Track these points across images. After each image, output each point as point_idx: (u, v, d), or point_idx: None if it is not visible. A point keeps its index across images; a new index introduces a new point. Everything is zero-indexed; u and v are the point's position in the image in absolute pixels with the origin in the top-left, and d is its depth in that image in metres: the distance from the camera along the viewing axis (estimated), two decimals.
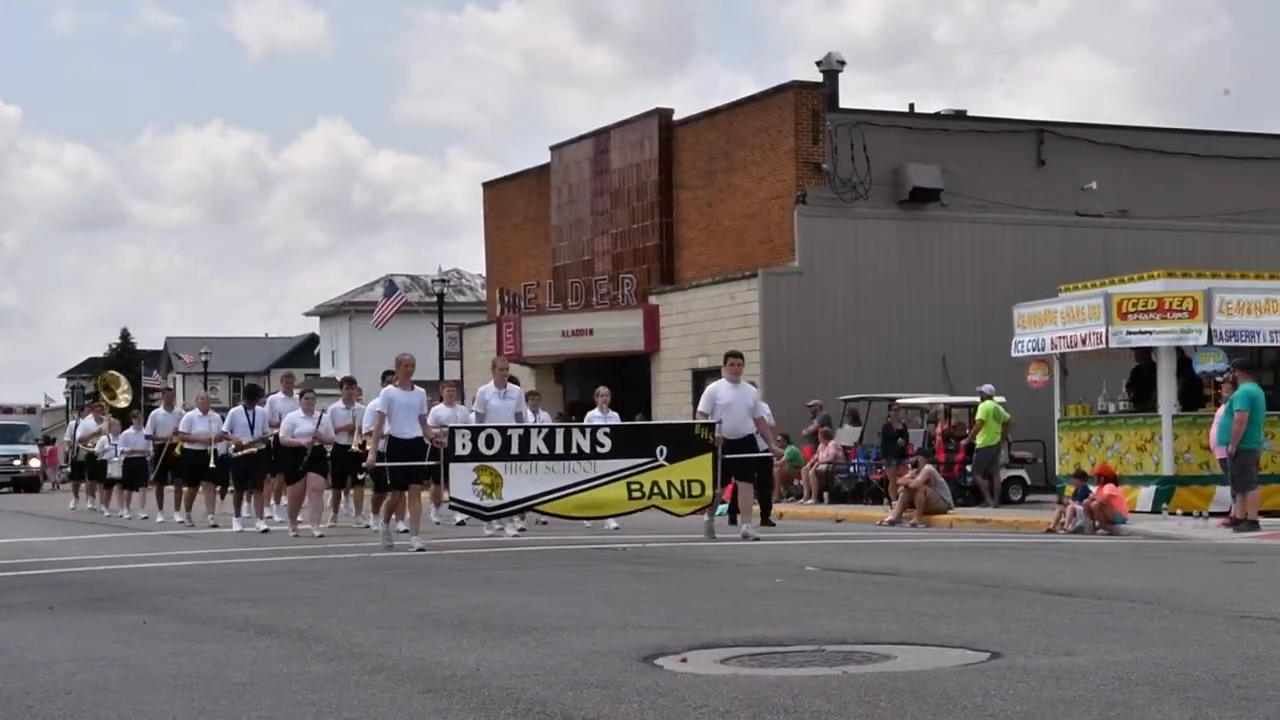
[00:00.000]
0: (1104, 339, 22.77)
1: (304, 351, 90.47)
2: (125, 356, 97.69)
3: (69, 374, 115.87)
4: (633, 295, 38.62)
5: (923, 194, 35.79)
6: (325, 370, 75.89)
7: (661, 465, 18.22)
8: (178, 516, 25.23)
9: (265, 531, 21.25)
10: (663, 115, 40.32)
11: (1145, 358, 23.32)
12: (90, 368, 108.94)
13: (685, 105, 76.84)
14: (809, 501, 28.22)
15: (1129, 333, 22.64)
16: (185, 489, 25.43)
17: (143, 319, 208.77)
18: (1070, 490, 21.20)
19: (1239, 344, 22.28)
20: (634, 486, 18.15)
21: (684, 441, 18.54)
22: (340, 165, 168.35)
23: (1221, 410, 19.72)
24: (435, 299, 49.26)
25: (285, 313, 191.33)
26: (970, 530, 21.22)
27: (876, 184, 35.78)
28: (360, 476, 23.17)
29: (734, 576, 13.02)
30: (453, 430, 18.14)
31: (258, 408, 22.74)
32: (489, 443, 17.84)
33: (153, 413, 28.32)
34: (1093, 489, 20.33)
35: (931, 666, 7.44)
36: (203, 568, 15.38)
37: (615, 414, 22.79)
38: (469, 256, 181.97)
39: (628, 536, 18.62)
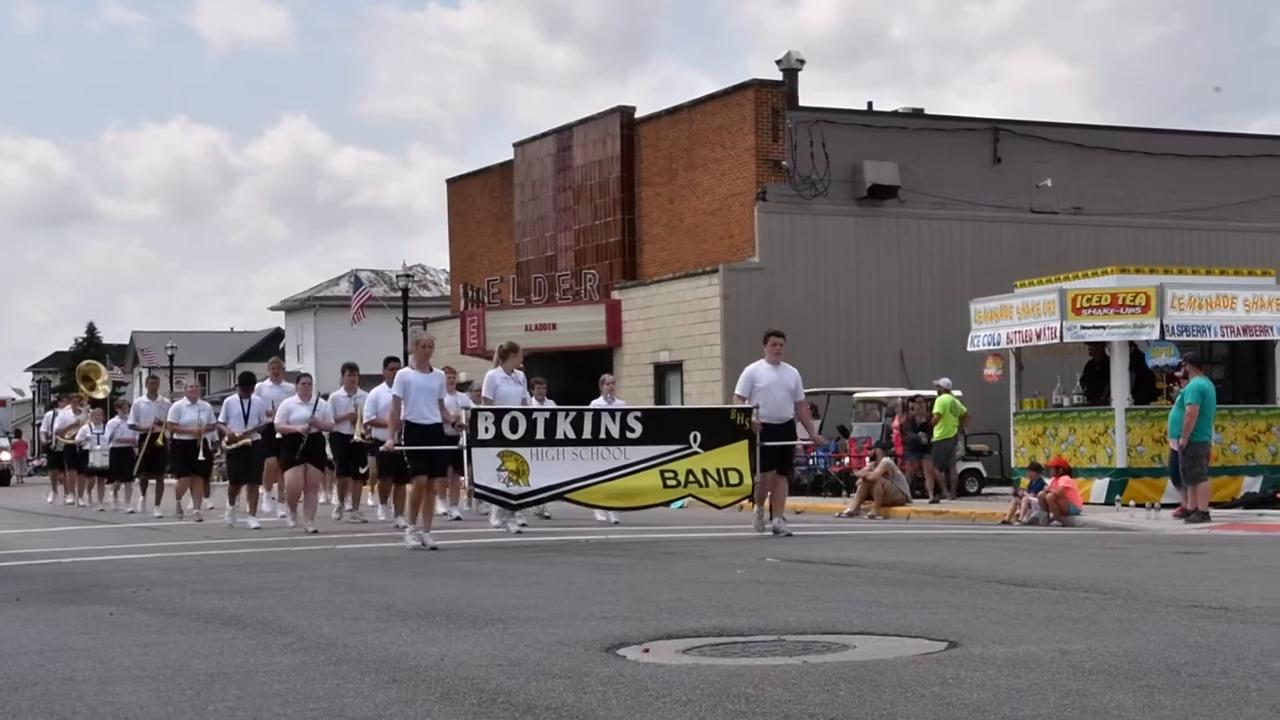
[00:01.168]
0: (1059, 334, 22.90)
1: (269, 346, 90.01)
2: (91, 351, 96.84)
3: (35, 368, 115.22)
4: (595, 290, 38.60)
5: (881, 191, 35.89)
6: (290, 364, 75.49)
7: (696, 452, 17.05)
8: (156, 511, 24.62)
9: (257, 529, 20.21)
10: (624, 113, 40.31)
11: (1099, 352, 23.46)
12: (56, 362, 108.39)
13: (645, 102, 77.00)
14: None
15: (1083, 328, 22.77)
16: (176, 480, 24.77)
17: (108, 314, 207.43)
18: (1025, 482, 21.31)
19: (1190, 338, 22.44)
20: (669, 474, 16.99)
21: (719, 427, 17.34)
22: (303, 161, 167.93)
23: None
24: (400, 294, 49.14)
25: (250, 307, 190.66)
26: (927, 522, 21.30)
27: (835, 181, 35.86)
28: (362, 470, 22.57)
29: (695, 568, 13.02)
30: (475, 412, 16.88)
31: (254, 397, 21.52)
32: (513, 426, 16.59)
33: (135, 401, 27.39)
34: (1047, 481, 20.43)
35: (890, 656, 7.46)
36: (170, 560, 15.29)
37: (622, 400, 21.92)
38: (432, 252, 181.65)
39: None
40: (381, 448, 17.93)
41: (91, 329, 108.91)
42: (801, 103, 36.42)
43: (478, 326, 39.85)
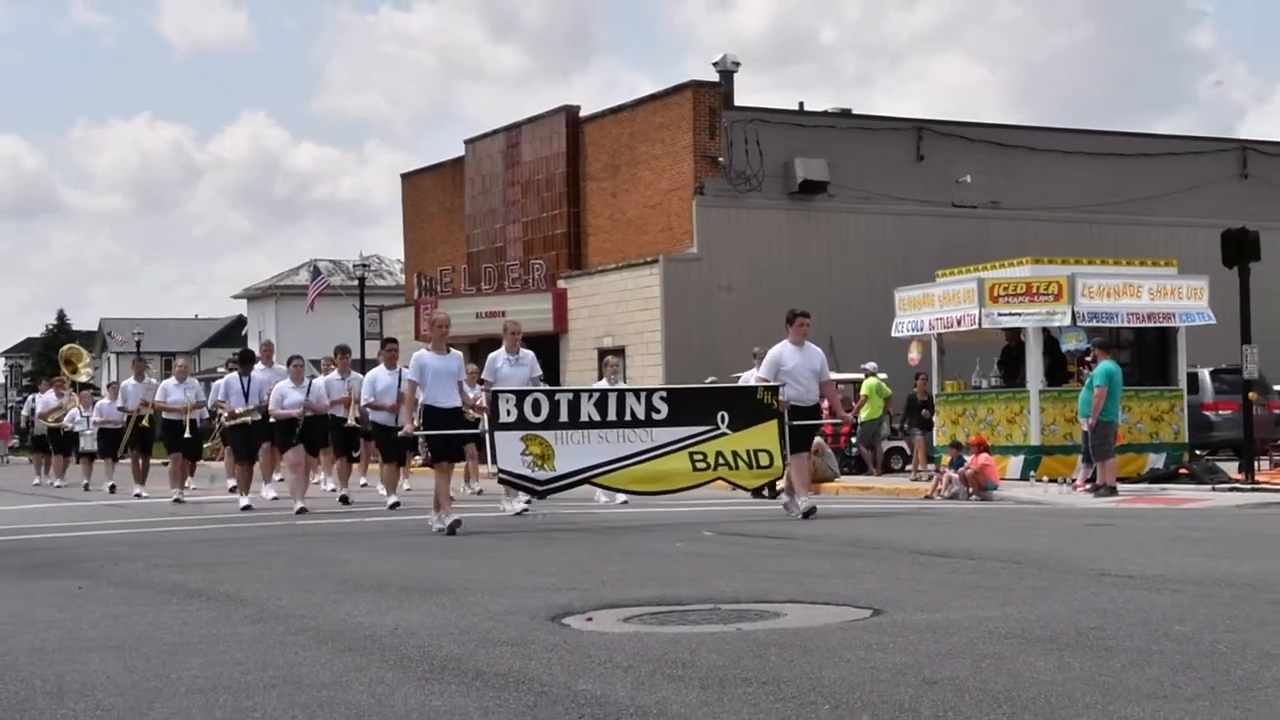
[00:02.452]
0: (977, 320, 23.02)
1: (232, 332, 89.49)
2: (61, 337, 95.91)
3: (7, 353, 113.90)
4: (542, 280, 38.55)
5: (811, 186, 36.02)
6: (253, 350, 74.98)
7: (724, 433, 15.68)
8: (143, 491, 23.39)
9: (247, 508, 18.92)
10: (570, 112, 40.27)
11: (1015, 338, 23.60)
12: (28, 347, 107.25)
13: (589, 102, 76.54)
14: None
15: (1000, 314, 22.89)
16: (170, 462, 23.15)
17: (78, 302, 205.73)
18: (947, 459, 21.43)
19: (1099, 325, 22.62)
20: (697, 457, 15.60)
21: (746, 407, 15.96)
22: (263, 157, 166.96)
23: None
24: (357, 283, 48.88)
25: (213, 296, 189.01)
26: (854, 497, 21.38)
27: (769, 177, 35.95)
28: (355, 454, 21.84)
29: (637, 541, 13.03)
30: (496, 394, 15.29)
31: (254, 374, 20.26)
32: (536, 408, 15.13)
33: (122, 383, 25.85)
34: (967, 458, 20.56)
35: (819, 623, 7.49)
36: (136, 536, 15.15)
37: (624, 382, 20.59)
38: (387, 243, 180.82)
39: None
40: (400, 433, 16.13)
41: (61, 316, 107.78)
42: (737, 103, 36.49)
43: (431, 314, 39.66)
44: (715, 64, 36.60)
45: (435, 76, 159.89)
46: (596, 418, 15.38)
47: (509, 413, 14.99)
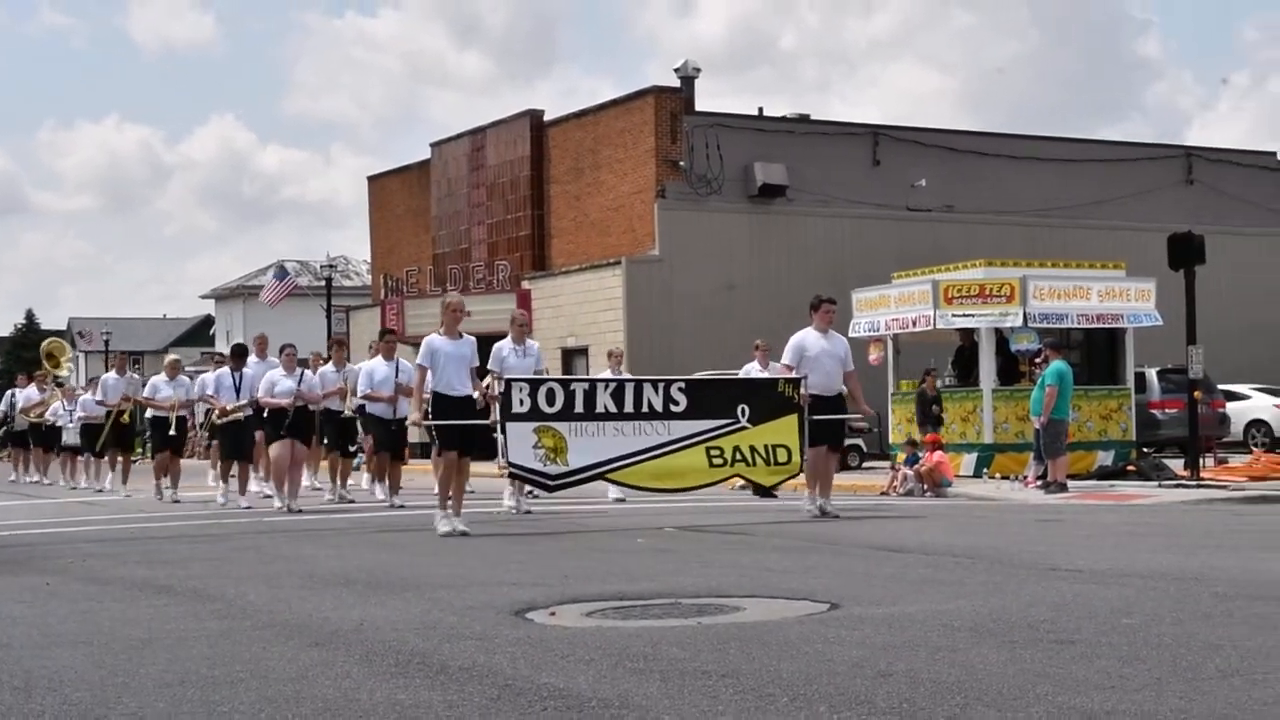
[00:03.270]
0: (932, 321, 23.12)
1: (200, 332, 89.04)
2: (30, 336, 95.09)
3: None
4: (507, 280, 38.49)
5: (770, 190, 36.10)
6: (221, 348, 74.64)
7: (744, 427, 14.73)
8: (124, 491, 22.45)
9: (248, 508, 18.11)
10: (534, 116, 40.25)
11: (968, 338, 23.72)
12: None
13: (553, 106, 76.26)
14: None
15: (954, 315, 23.01)
16: (154, 459, 22.38)
17: (47, 301, 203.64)
18: (902, 457, 21.50)
19: (1050, 325, 22.76)
20: (714, 452, 14.61)
21: (767, 400, 14.94)
22: (231, 158, 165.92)
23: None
24: (324, 283, 48.73)
25: (182, 295, 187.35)
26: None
27: (729, 180, 36.02)
28: (352, 448, 21.01)
29: (599, 538, 13.02)
30: (509, 382, 14.23)
31: (245, 370, 19.15)
32: (550, 398, 14.10)
33: (103, 377, 24.91)
34: (922, 456, 20.64)
35: (777, 617, 7.49)
36: (105, 532, 15.02)
37: (628, 373, 19.29)
38: (354, 244, 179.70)
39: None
40: (409, 421, 15.03)
41: (30, 315, 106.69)
42: (698, 108, 36.54)
43: (397, 314, 39.57)
44: (677, 70, 36.65)
45: (401, 81, 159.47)
46: (613, 409, 14.33)
47: (522, 402, 13.96)
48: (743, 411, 14.77)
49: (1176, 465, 22.59)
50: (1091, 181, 39.98)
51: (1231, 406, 32.09)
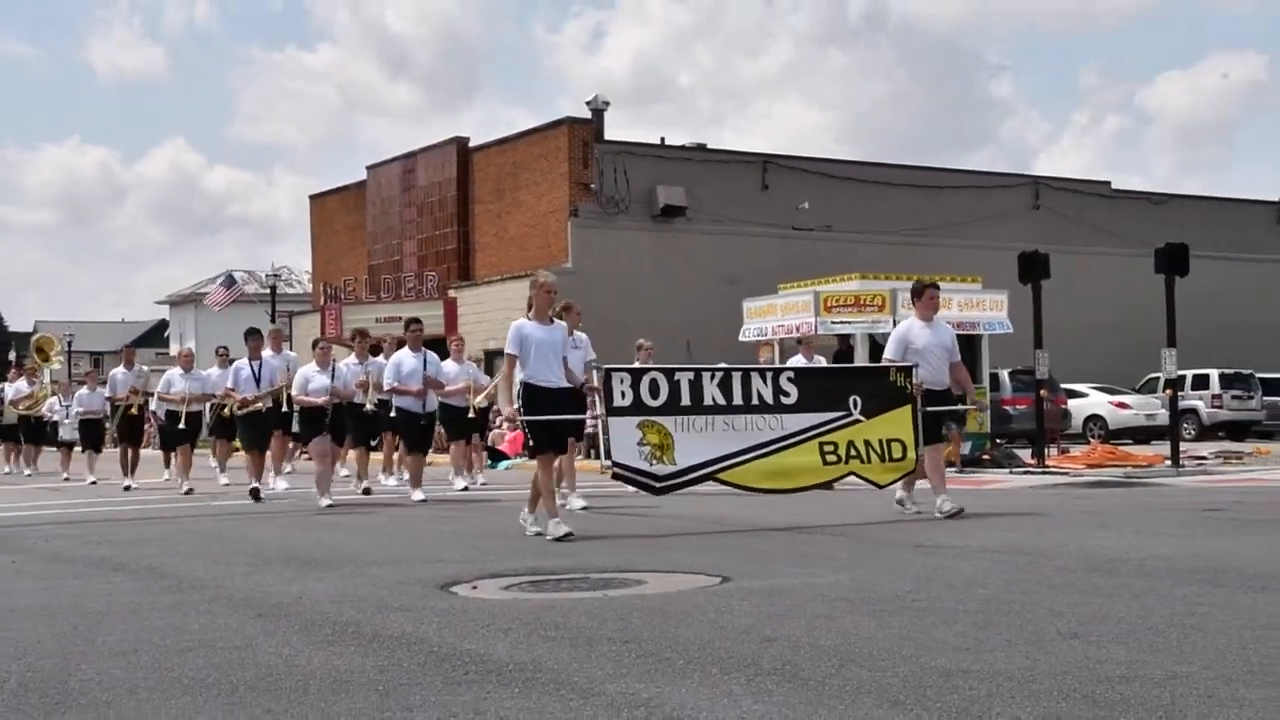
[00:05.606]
0: (814, 328, 23.28)
1: (155, 334, 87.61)
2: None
3: None
4: (435, 289, 38.25)
5: (671, 210, 36.21)
6: (174, 350, 73.47)
7: (858, 421, 12.30)
8: (132, 482, 20.32)
9: (259, 500, 15.99)
10: (460, 142, 40.07)
11: (845, 343, 23.91)
12: None
13: (476, 133, 75.64)
14: (579, 458, 28.26)
15: (833, 322, 23.19)
16: (172, 452, 20.27)
17: (12, 306, 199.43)
18: None
19: None
20: (828, 448, 12.19)
21: (879, 390, 12.44)
22: (181, 178, 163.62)
23: None
24: (269, 290, 48.11)
25: (137, 302, 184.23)
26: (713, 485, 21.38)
27: (635, 202, 36.07)
28: (373, 442, 18.29)
29: (518, 519, 12.94)
30: (609, 372, 11.53)
31: (266, 360, 17.16)
32: (653, 390, 11.47)
33: (111, 372, 22.09)
34: None
35: (675, 589, 7.50)
36: (68, 515, 14.71)
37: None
38: (295, 256, 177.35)
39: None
40: (502, 417, 12.16)
41: None
42: (607, 136, 36.57)
43: (336, 318, 39.19)
44: (588, 103, 36.66)
45: (337, 109, 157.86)
46: (721, 402, 11.76)
47: (623, 395, 11.34)
48: (855, 403, 12.32)
49: (1025, 454, 22.92)
50: (952, 205, 40.54)
51: (1073, 403, 32.69)
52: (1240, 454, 23.73)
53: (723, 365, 13.01)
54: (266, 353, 17.58)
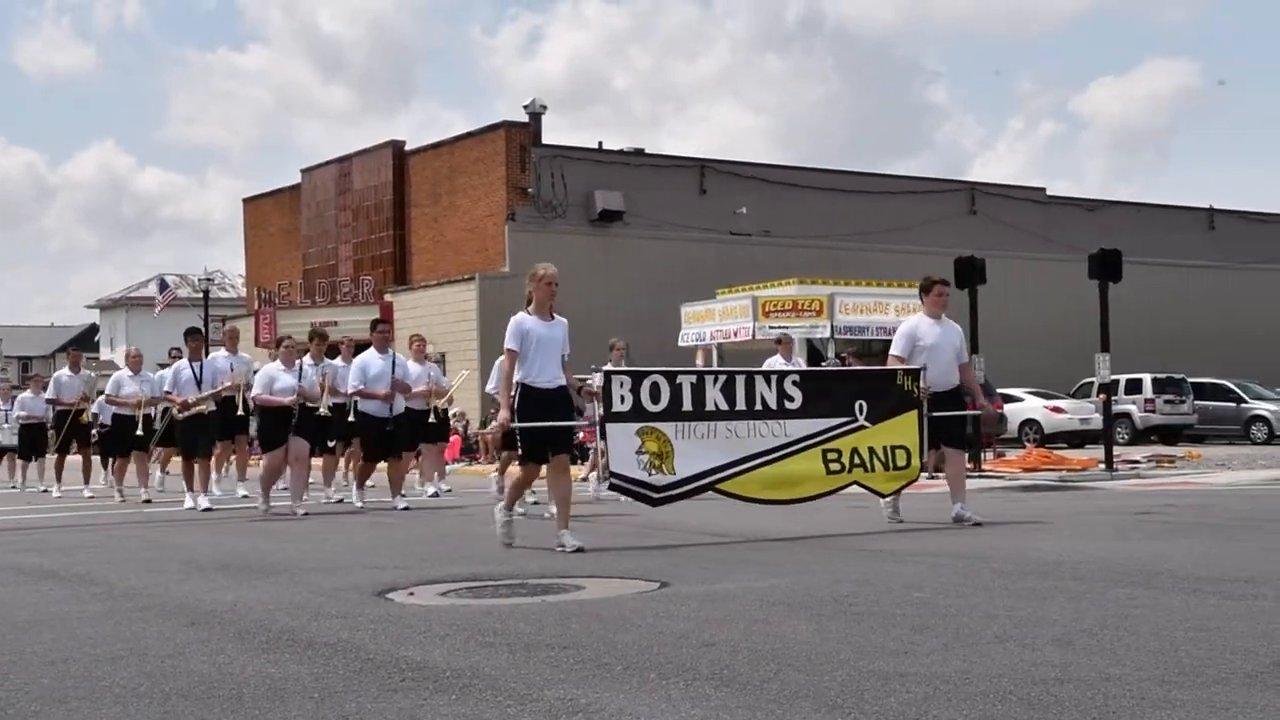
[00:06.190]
0: (751, 332, 23.41)
1: (85, 338, 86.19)
2: None
3: None
4: (371, 294, 38.05)
5: (609, 215, 36.24)
6: (105, 355, 72.52)
7: (863, 426, 11.69)
8: (87, 491, 19.25)
9: (208, 510, 15.22)
10: (396, 145, 39.88)
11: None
12: None
13: (413, 137, 75.38)
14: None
15: (771, 327, 23.32)
16: (116, 460, 18.86)
17: None
18: None
19: (854, 336, 23.20)
20: (831, 456, 11.55)
21: (884, 394, 11.85)
22: (111, 180, 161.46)
23: None
24: (202, 295, 47.61)
25: (68, 305, 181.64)
26: None
27: (572, 206, 36.06)
28: (331, 444, 16.56)
29: (455, 524, 12.92)
30: (608, 375, 10.75)
31: (214, 361, 16.42)
32: (654, 394, 10.74)
33: (55, 375, 20.91)
34: None
35: (614, 595, 7.51)
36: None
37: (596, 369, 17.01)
38: (228, 259, 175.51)
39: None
40: (496, 420, 10.72)
41: None
42: (544, 140, 36.56)
43: (270, 323, 38.87)
44: (526, 106, 36.66)
45: (271, 111, 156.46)
46: (724, 406, 11.09)
47: (622, 399, 10.60)
48: (860, 408, 11.71)
49: None
50: (889, 210, 40.88)
51: (1009, 408, 33.03)
52: (1173, 458, 24.10)
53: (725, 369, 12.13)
54: (222, 353, 16.86)
